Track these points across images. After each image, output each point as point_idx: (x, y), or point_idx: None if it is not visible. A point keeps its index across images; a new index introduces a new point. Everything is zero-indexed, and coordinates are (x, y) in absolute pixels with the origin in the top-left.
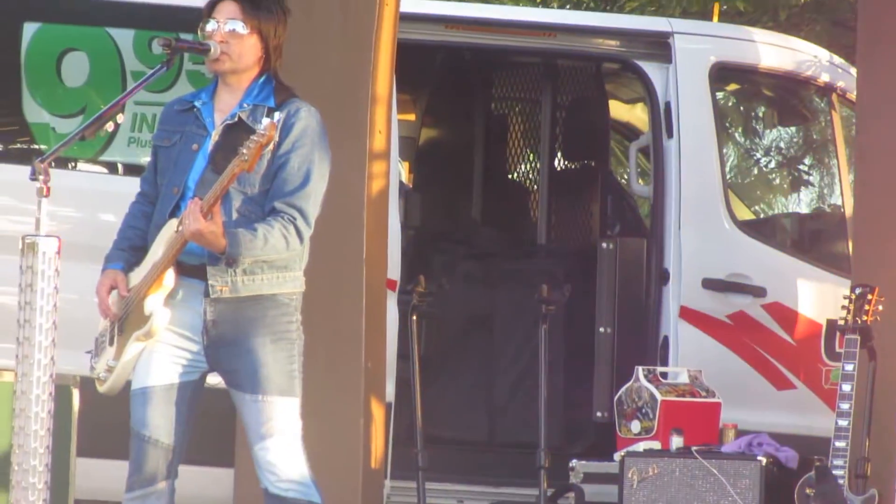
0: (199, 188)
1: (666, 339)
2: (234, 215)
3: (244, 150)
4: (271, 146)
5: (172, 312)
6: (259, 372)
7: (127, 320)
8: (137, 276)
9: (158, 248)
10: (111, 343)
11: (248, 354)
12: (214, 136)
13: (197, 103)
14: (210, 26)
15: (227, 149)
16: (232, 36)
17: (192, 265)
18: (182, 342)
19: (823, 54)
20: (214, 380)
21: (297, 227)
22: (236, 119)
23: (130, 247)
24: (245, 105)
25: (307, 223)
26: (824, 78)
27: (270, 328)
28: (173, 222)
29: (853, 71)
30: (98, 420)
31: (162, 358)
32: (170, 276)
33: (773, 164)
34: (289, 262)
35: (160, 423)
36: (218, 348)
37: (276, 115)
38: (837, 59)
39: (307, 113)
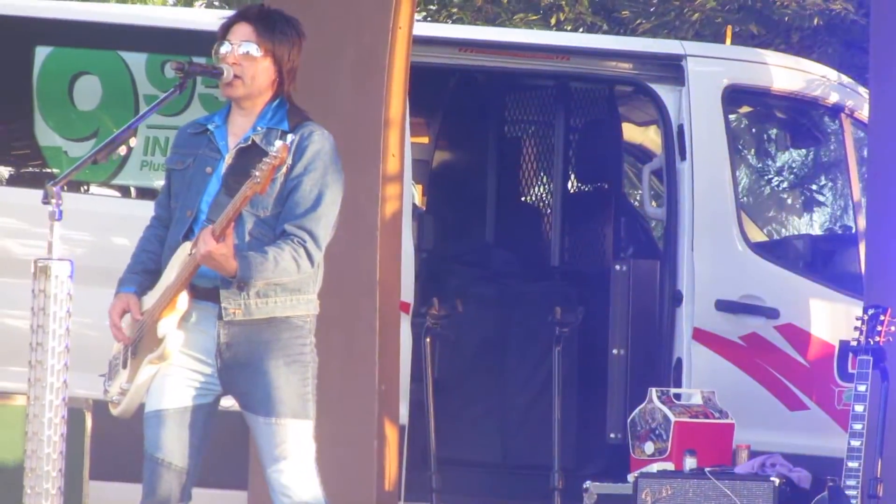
0: (212, 211)
1: (679, 360)
2: (247, 238)
3: (256, 173)
4: (284, 168)
5: (186, 335)
6: (272, 395)
7: (140, 343)
8: (151, 299)
9: (171, 272)
10: (124, 366)
11: (262, 377)
12: (228, 159)
13: (210, 126)
14: (224, 48)
15: (240, 172)
16: (245, 58)
17: (205, 288)
18: (196, 365)
19: (835, 76)
20: (228, 402)
21: (307, 250)
22: (250, 142)
23: (144, 270)
24: (259, 128)
25: (318, 246)
26: (836, 99)
27: (284, 351)
28: (187, 245)
29: (865, 92)
30: (111, 443)
31: (175, 381)
32: (183, 299)
33: (785, 186)
34: (301, 284)
35: (174, 446)
36: (231, 371)
37: (289, 137)
38: (849, 81)
39: (320, 136)
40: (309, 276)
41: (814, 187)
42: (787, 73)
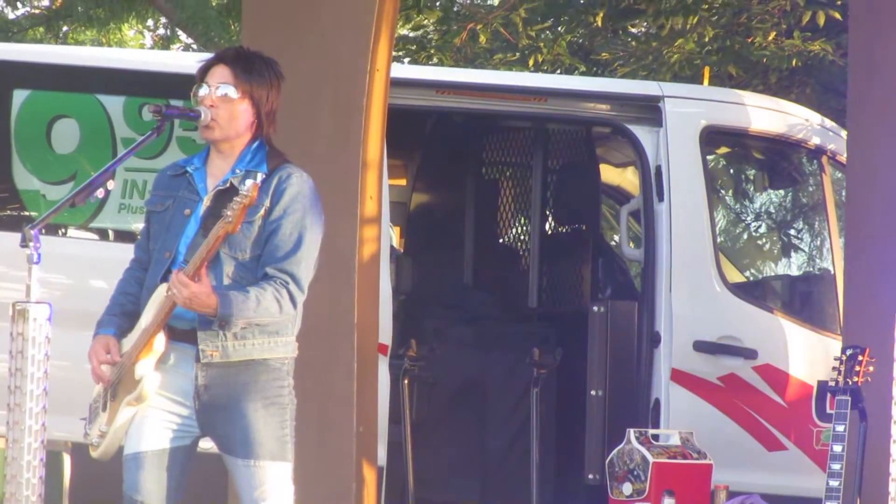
0: (189, 252)
1: (657, 401)
2: (226, 280)
3: (228, 213)
4: (262, 211)
5: (164, 377)
6: (251, 437)
7: (119, 385)
8: (129, 341)
9: (149, 313)
10: (104, 409)
11: (240, 419)
12: (206, 201)
13: (189, 168)
14: (202, 91)
15: (218, 214)
16: (223, 100)
17: (183, 330)
18: (174, 407)
19: (814, 117)
20: (206, 444)
21: (289, 292)
22: (228, 185)
23: (122, 312)
24: (237, 171)
25: (300, 288)
26: (815, 141)
27: (262, 393)
28: (164, 287)
29: (843, 134)
30: (91, 485)
31: (154, 423)
32: (160, 341)
33: (763, 227)
34: (280, 327)
35: (152, 488)
36: (209, 413)
37: (259, 176)
38: (828, 122)
39: (299, 178)
40: (288, 319)
41: (792, 229)
42: (765, 113)
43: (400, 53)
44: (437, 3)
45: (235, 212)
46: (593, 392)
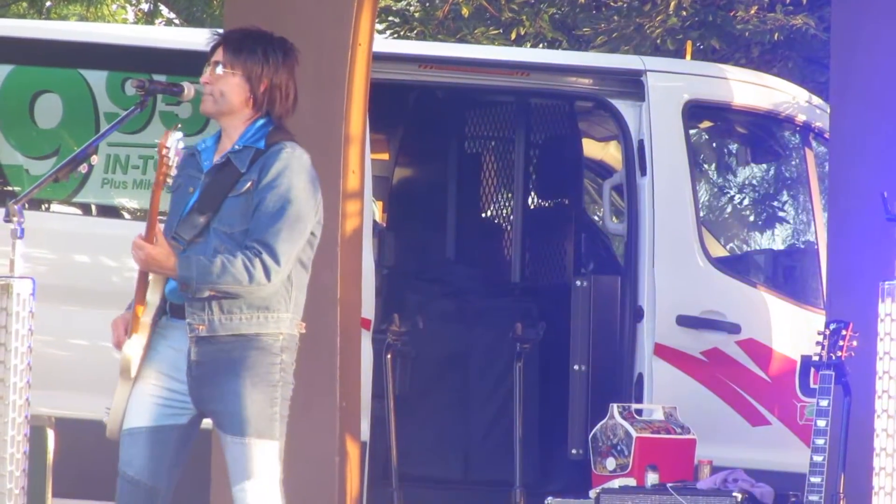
0: (180, 226)
1: (640, 376)
2: (214, 253)
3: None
4: (249, 184)
5: (163, 353)
6: (239, 414)
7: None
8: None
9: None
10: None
11: (229, 396)
12: (205, 178)
13: (200, 147)
14: (204, 70)
15: (215, 189)
16: (216, 77)
17: (177, 305)
18: (170, 383)
19: (798, 92)
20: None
21: (263, 262)
22: (225, 159)
23: None
24: (236, 146)
25: (275, 260)
26: (798, 115)
27: (251, 370)
28: None
29: (826, 107)
30: (75, 460)
31: (149, 399)
32: (147, 315)
33: (746, 201)
34: (270, 301)
35: (145, 464)
36: (201, 389)
37: (177, 132)
38: (813, 98)
39: (289, 153)
40: (278, 294)
41: (775, 203)
42: (747, 87)
43: (383, 26)
44: None
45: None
46: (576, 367)
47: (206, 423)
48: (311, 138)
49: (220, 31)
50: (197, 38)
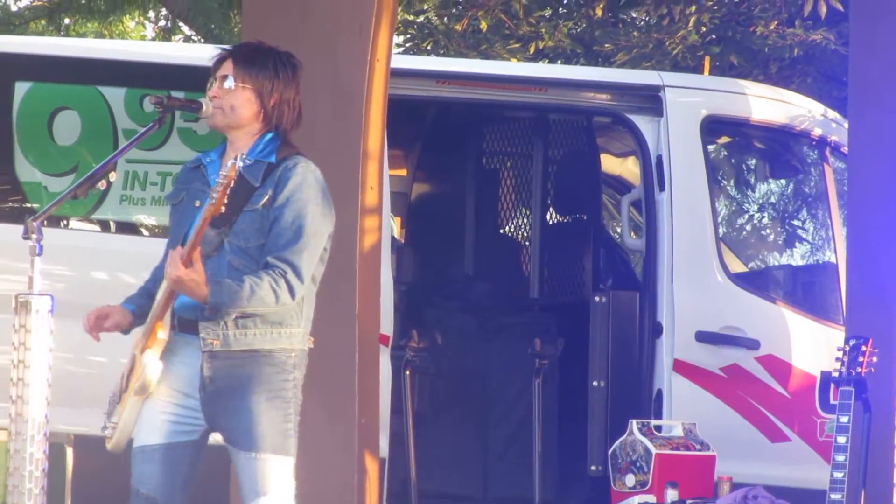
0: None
1: (660, 392)
2: (228, 268)
3: (214, 195)
4: (265, 199)
5: (174, 369)
6: (253, 429)
7: (130, 375)
8: (140, 331)
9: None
10: (118, 401)
11: (243, 412)
12: (212, 191)
13: (205, 161)
14: (210, 84)
15: (227, 204)
16: (224, 91)
17: (189, 320)
18: (182, 399)
19: (816, 107)
20: (215, 437)
21: (287, 281)
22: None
23: (148, 294)
24: (247, 160)
25: (299, 278)
26: (816, 130)
27: (265, 385)
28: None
29: (845, 124)
30: (93, 477)
31: (162, 417)
32: (164, 330)
33: (765, 217)
34: (283, 317)
35: (159, 482)
36: (214, 405)
37: (241, 155)
38: (830, 112)
39: (304, 168)
40: (291, 310)
41: (794, 219)
42: (766, 103)
43: (402, 38)
44: None
45: (218, 193)
46: (595, 383)
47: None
48: (329, 154)
49: (225, 46)
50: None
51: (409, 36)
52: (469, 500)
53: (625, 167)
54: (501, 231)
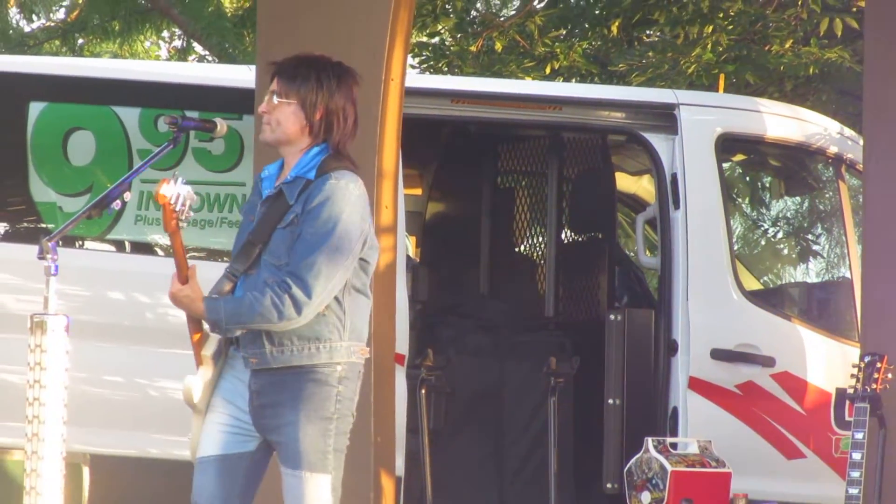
0: (235, 258)
1: (675, 409)
2: (263, 285)
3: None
4: (293, 216)
5: (230, 382)
6: (294, 447)
7: None
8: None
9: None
10: None
11: (286, 427)
12: (261, 207)
13: (263, 175)
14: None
15: (264, 220)
16: (272, 106)
17: (237, 336)
18: (236, 411)
19: (831, 124)
20: None
21: (292, 296)
22: (278, 190)
23: None
24: (289, 177)
25: (306, 293)
26: (832, 148)
27: (306, 402)
28: None
29: (861, 141)
30: (110, 497)
31: (217, 428)
32: (208, 349)
33: (780, 234)
34: (320, 331)
35: (215, 493)
36: (261, 419)
37: (174, 172)
38: (845, 130)
39: (332, 185)
40: (329, 323)
41: (809, 236)
42: (781, 120)
43: (416, 60)
44: (451, 12)
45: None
46: (611, 401)
47: None
48: None
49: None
50: (229, 75)
51: (423, 57)
52: None
53: (640, 185)
54: (516, 250)
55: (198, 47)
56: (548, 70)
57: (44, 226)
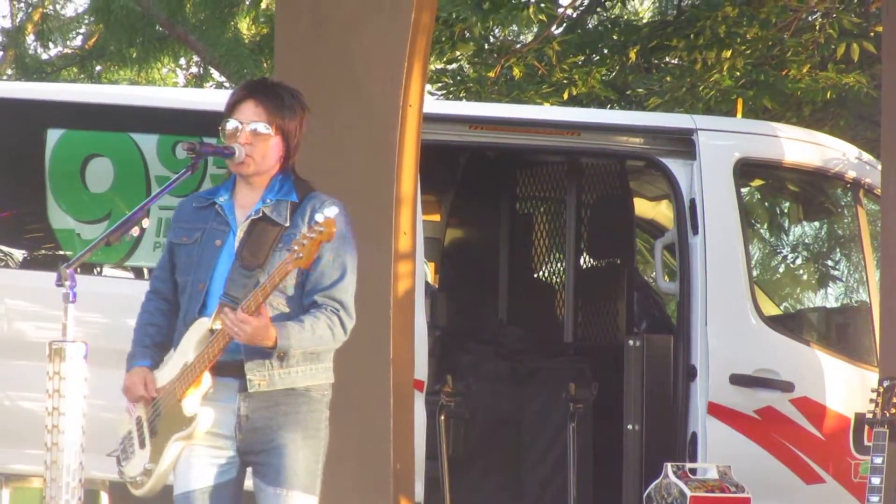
0: (230, 285)
1: (694, 435)
2: (272, 312)
3: (296, 247)
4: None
5: (206, 415)
6: (286, 467)
7: (160, 420)
8: (165, 374)
9: (189, 349)
10: (142, 445)
11: (279, 449)
12: (239, 232)
13: (218, 200)
14: (231, 125)
15: (254, 244)
16: (255, 136)
17: (226, 363)
18: (219, 441)
19: (849, 149)
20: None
21: (340, 319)
22: (260, 214)
23: (153, 344)
24: (268, 200)
25: (349, 315)
26: (850, 173)
27: (302, 425)
28: (204, 321)
29: (879, 166)
30: None
31: (201, 460)
32: (207, 377)
33: (799, 260)
34: (322, 353)
35: None
36: (250, 441)
37: (332, 208)
38: (864, 155)
39: (334, 205)
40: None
41: (828, 261)
42: (799, 145)
43: (435, 87)
44: (469, 39)
45: (307, 248)
46: (630, 426)
47: None
48: (363, 199)
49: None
50: None
51: (441, 84)
52: None
53: (658, 211)
54: (535, 275)
55: (215, 73)
56: (566, 96)
57: (62, 253)
